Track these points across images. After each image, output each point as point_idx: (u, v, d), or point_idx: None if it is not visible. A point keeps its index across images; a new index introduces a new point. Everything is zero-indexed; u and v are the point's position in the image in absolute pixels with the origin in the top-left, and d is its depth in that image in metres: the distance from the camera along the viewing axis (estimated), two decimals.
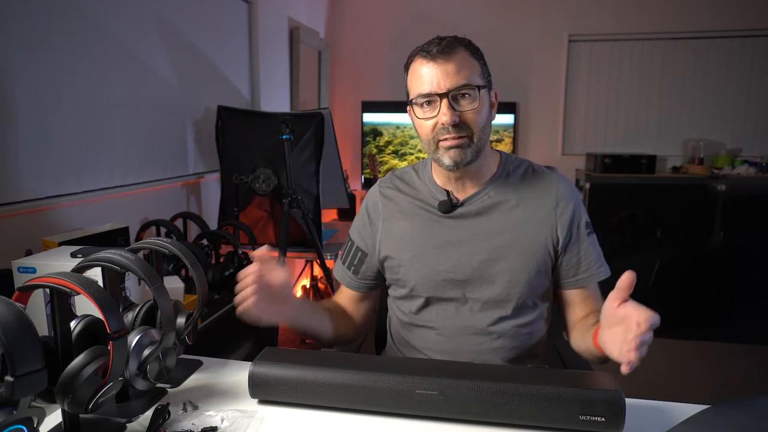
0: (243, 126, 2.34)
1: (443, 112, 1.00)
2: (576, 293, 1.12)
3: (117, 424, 0.81)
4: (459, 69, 1.00)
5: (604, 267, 1.12)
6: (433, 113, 1.02)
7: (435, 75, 1.00)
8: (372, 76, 4.33)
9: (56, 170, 1.61)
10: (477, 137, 1.02)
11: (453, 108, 1.00)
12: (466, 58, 1.02)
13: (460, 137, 1.01)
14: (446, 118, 0.99)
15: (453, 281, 1.09)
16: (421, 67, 1.02)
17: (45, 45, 1.53)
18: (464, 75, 1.00)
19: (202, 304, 0.93)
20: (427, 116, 1.03)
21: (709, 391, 2.49)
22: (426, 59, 1.01)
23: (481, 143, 1.04)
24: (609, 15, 3.98)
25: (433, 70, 1.00)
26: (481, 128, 1.03)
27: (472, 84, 1.00)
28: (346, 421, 0.83)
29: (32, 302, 0.77)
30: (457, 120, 1.00)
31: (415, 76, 1.04)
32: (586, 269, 1.10)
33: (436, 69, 1.00)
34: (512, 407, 0.78)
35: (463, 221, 1.10)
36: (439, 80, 1.00)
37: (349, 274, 1.21)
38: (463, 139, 1.02)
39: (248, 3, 2.81)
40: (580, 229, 1.10)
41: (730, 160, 3.88)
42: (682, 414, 0.77)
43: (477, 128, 1.02)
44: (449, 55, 1.00)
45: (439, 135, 1.02)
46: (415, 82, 1.04)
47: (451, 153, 1.02)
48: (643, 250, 3.40)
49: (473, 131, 1.02)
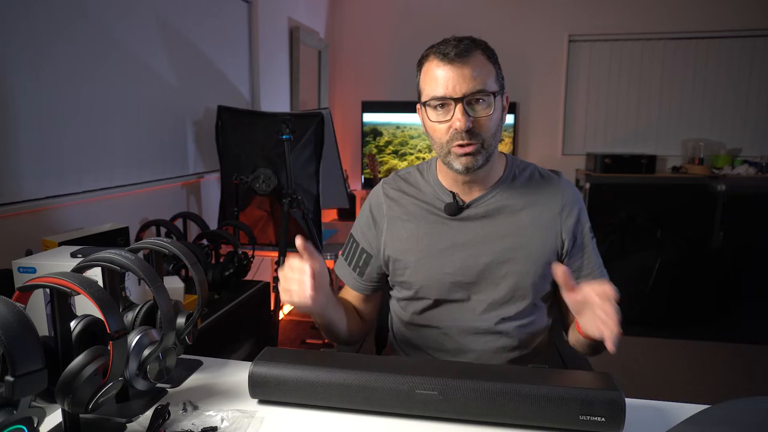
0: (243, 126, 2.34)
1: (457, 118, 0.99)
2: None
3: (117, 424, 0.81)
4: (476, 74, 0.98)
5: (604, 271, 1.13)
6: (446, 117, 1.01)
7: (451, 79, 0.99)
8: (372, 76, 4.33)
9: (56, 170, 1.61)
10: (488, 143, 1.02)
11: (467, 113, 0.99)
12: (482, 62, 1.01)
13: (471, 144, 1.01)
14: (460, 123, 0.98)
15: (459, 283, 1.09)
16: (437, 69, 1.01)
17: (45, 46, 1.53)
18: (480, 80, 0.99)
19: (202, 304, 0.93)
20: (441, 119, 1.02)
21: (709, 391, 2.49)
22: (442, 61, 1.00)
23: (492, 149, 1.04)
24: (609, 15, 3.98)
25: (449, 73, 0.99)
26: (492, 134, 1.02)
27: (487, 90, 0.99)
28: (346, 421, 0.83)
29: (32, 302, 0.77)
30: (471, 125, 0.99)
31: (429, 77, 1.02)
32: (589, 273, 1.11)
33: (453, 72, 0.99)
34: (512, 407, 0.78)
35: (469, 224, 1.10)
36: (455, 84, 0.98)
37: (354, 275, 1.20)
38: (475, 145, 1.01)
39: (248, 3, 2.81)
40: (584, 235, 1.11)
41: (730, 160, 3.88)
42: (682, 414, 0.77)
43: (489, 134, 1.02)
44: (466, 58, 0.99)
45: (453, 140, 1.01)
46: (429, 83, 1.02)
47: (463, 160, 1.02)
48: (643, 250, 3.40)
49: (485, 137, 1.01)
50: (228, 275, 1.77)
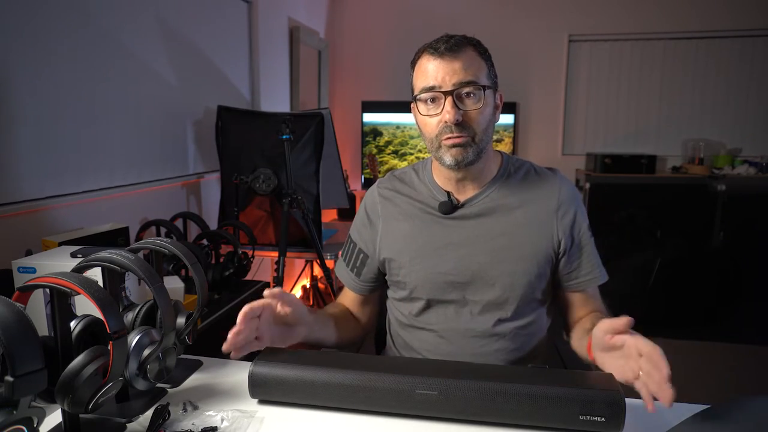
0: (243, 126, 2.34)
1: (447, 110, 0.99)
2: (576, 296, 1.13)
3: (117, 424, 0.81)
4: (466, 67, 0.99)
5: (603, 271, 1.13)
6: (437, 110, 1.01)
7: (441, 71, 0.99)
8: (372, 76, 4.33)
9: (56, 170, 1.61)
10: (479, 138, 1.02)
11: (457, 106, 0.99)
12: (473, 57, 1.01)
13: (461, 136, 1.01)
14: (450, 116, 0.99)
15: (453, 283, 1.08)
16: (428, 63, 1.01)
17: (45, 45, 1.53)
18: (471, 73, 0.99)
19: (202, 304, 0.93)
20: (431, 113, 1.02)
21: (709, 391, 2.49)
22: (433, 55, 1.01)
23: (483, 144, 1.04)
24: (609, 15, 3.98)
25: (439, 66, 1.00)
26: (483, 129, 1.02)
27: (477, 83, 1.00)
28: (346, 421, 0.83)
29: (32, 302, 0.77)
30: (461, 119, 0.99)
31: (421, 71, 1.03)
32: (587, 272, 1.11)
33: (443, 65, 0.99)
34: (512, 407, 0.78)
35: (464, 223, 1.09)
36: (445, 76, 0.99)
37: (352, 276, 1.21)
38: (465, 138, 1.01)
39: (248, 3, 2.81)
40: (581, 233, 1.10)
41: (730, 160, 3.88)
42: (682, 414, 0.77)
43: (479, 128, 1.02)
44: (457, 53, 0.99)
45: (442, 133, 1.02)
46: (420, 77, 1.03)
47: (453, 151, 1.02)
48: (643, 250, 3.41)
49: (476, 131, 1.01)
50: (228, 275, 1.76)
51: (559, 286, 1.13)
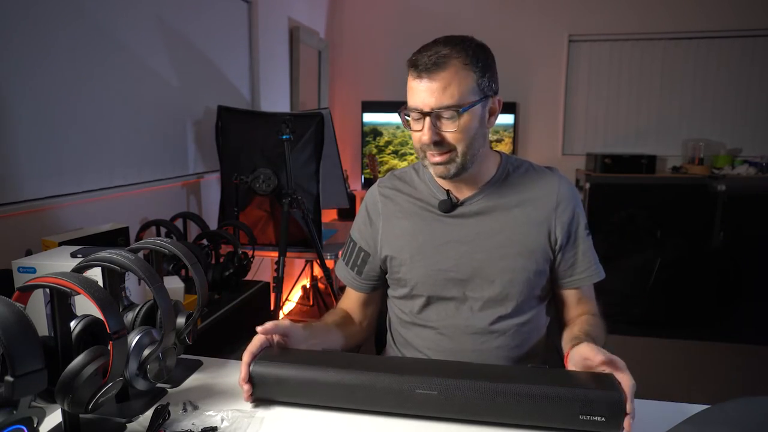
0: (243, 126, 2.34)
1: (424, 132, 1.00)
2: (571, 293, 1.14)
3: (117, 424, 0.81)
4: (444, 86, 0.97)
5: (600, 268, 1.14)
6: (419, 127, 1.02)
7: (420, 93, 0.99)
8: (372, 76, 4.33)
9: (56, 170, 1.61)
10: (462, 152, 1.02)
11: (436, 126, 1.00)
12: (456, 72, 0.97)
13: (441, 154, 1.02)
14: (426, 138, 1.00)
15: (454, 280, 1.09)
16: (411, 81, 1.02)
17: (45, 45, 1.53)
18: (449, 94, 0.97)
19: (202, 304, 0.93)
20: (415, 129, 1.04)
21: (709, 391, 2.49)
22: (413, 73, 1.00)
23: (468, 157, 1.03)
24: (609, 15, 3.98)
25: (418, 86, 1.00)
26: (466, 145, 1.01)
27: (453, 105, 0.98)
28: (346, 421, 0.83)
29: (32, 302, 0.77)
30: (438, 138, 1.00)
31: (408, 86, 1.03)
32: (584, 270, 1.11)
33: (422, 86, 0.99)
34: (512, 407, 0.78)
35: (464, 220, 1.10)
36: (424, 98, 0.99)
37: (353, 275, 1.21)
38: (445, 155, 1.02)
39: (248, 3, 2.81)
40: (579, 231, 1.11)
41: (730, 160, 3.88)
42: (682, 414, 0.77)
43: (461, 145, 1.01)
44: (435, 72, 0.97)
45: (425, 149, 1.04)
46: (408, 91, 1.04)
47: (435, 168, 1.05)
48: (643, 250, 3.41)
49: (456, 147, 1.02)
50: (228, 275, 1.76)
51: (555, 283, 1.14)
